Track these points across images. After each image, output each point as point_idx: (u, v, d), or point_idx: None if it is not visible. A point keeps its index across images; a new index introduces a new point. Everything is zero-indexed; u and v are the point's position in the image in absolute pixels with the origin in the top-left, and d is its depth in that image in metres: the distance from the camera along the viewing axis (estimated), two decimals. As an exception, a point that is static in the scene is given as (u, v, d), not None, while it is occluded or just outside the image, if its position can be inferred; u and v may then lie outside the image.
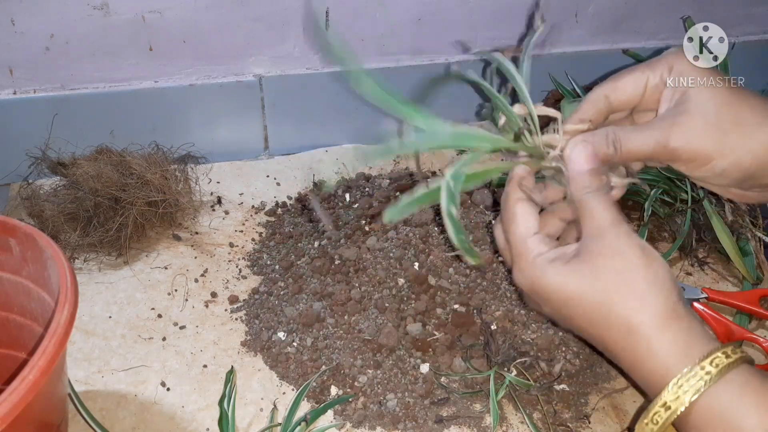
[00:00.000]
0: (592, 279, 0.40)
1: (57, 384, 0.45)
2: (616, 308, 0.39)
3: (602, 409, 0.57)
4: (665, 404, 0.38)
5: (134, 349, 0.60)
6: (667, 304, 0.39)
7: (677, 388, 0.37)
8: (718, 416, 0.37)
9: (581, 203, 0.42)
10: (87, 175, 0.67)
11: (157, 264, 0.68)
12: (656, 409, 0.38)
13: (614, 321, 0.40)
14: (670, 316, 0.39)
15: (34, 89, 0.72)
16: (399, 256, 0.64)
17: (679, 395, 0.37)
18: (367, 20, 0.77)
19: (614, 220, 0.41)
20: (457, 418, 0.55)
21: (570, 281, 0.41)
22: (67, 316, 0.40)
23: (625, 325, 0.39)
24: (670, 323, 0.39)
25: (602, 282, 0.40)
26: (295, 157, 0.84)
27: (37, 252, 0.46)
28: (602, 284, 0.40)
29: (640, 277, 0.39)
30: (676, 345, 0.38)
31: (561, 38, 0.88)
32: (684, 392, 0.37)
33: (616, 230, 0.41)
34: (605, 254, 0.40)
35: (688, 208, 0.70)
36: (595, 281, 0.40)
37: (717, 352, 0.37)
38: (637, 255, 0.40)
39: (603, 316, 0.40)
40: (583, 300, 0.40)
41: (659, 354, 0.38)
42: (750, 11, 0.90)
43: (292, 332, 0.60)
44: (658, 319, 0.39)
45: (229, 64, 0.77)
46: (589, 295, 0.40)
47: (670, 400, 0.38)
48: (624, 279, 0.39)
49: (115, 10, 0.68)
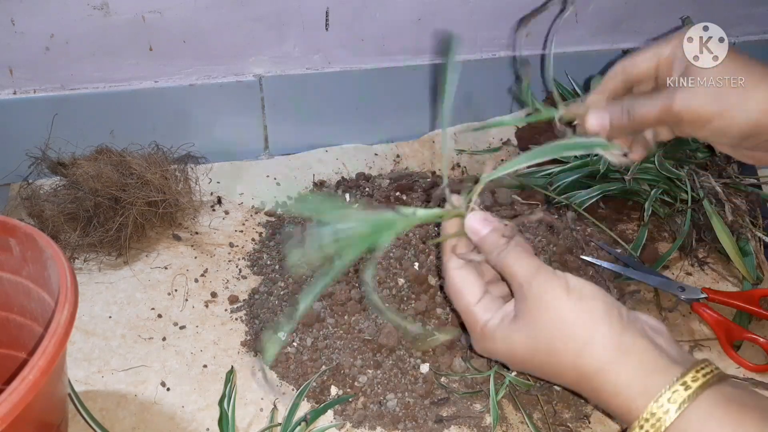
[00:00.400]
0: (533, 337, 0.40)
1: (57, 384, 0.45)
2: (564, 359, 0.40)
3: (602, 409, 0.57)
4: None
5: (134, 349, 0.60)
6: (612, 337, 0.38)
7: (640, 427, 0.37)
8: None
9: (498, 266, 0.43)
10: (87, 175, 0.67)
11: (157, 264, 0.68)
12: None
13: (567, 372, 0.40)
14: (618, 349, 0.38)
15: (34, 89, 0.72)
16: (399, 256, 0.64)
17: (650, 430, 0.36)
18: (367, 20, 0.77)
19: (533, 270, 0.41)
20: (457, 418, 0.55)
21: (516, 343, 0.41)
22: (67, 316, 0.40)
23: (577, 373, 0.39)
24: (619, 359, 0.38)
25: (542, 338, 0.40)
26: (295, 157, 0.84)
27: (37, 252, 0.46)
28: (543, 340, 0.40)
29: (572, 321, 0.39)
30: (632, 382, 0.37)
31: (561, 38, 0.87)
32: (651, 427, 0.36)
33: (537, 281, 0.41)
34: (536, 309, 0.40)
35: (688, 208, 0.70)
36: (536, 339, 0.40)
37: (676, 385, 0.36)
38: (564, 299, 0.40)
39: (555, 368, 0.41)
40: (534, 357, 0.41)
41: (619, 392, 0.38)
42: (750, 11, 0.90)
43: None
44: (606, 358, 0.38)
45: (229, 64, 0.77)
46: (537, 351, 0.41)
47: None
48: (559, 329, 0.39)
49: (115, 10, 0.68)
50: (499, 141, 0.88)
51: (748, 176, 0.73)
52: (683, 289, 0.64)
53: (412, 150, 0.86)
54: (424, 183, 0.76)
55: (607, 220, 0.74)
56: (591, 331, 0.39)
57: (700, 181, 0.70)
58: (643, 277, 0.65)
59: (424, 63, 0.83)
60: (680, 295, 0.64)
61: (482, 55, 0.86)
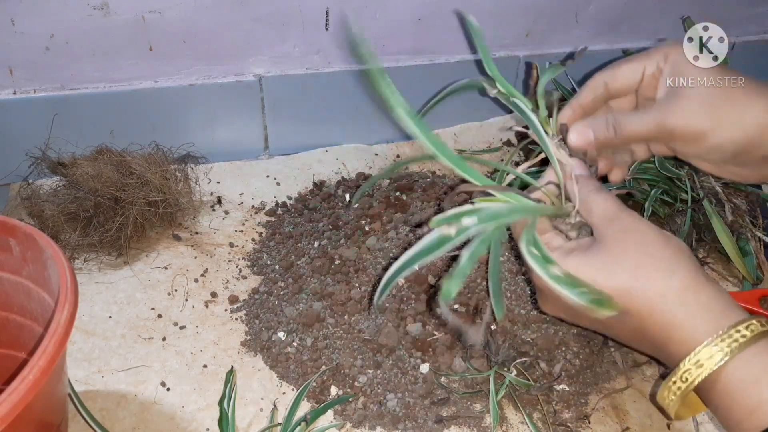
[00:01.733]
0: (615, 258, 0.40)
1: (57, 384, 0.45)
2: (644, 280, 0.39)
3: (602, 409, 0.57)
4: (698, 362, 0.37)
5: (134, 349, 0.60)
6: (693, 272, 0.39)
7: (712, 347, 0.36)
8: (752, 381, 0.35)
9: (588, 201, 0.43)
10: (87, 175, 0.67)
11: (157, 264, 0.68)
12: (687, 366, 0.37)
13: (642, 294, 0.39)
14: (699, 282, 0.38)
15: (34, 89, 0.72)
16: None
17: (713, 354, 0.36)
18: (367, 20, 0.77)
19: (623, 207, 0.42)
20: (457, 418, 0.55)
21: (593, 265, 0.40)
22: (67, 316, 0.40)
23: (655, 295, 0.38)
24: (700, 289, 0.38)
25: (626, 259, 0.39)
26: (295, 157, 0.84)
27: (37, 252, 0.46)
28: (627, 261, 0.39)
29: (661, 248, 0.39)
30: (709, 310, 0.37)
31: (561, 38, 0.88)
32: (719, 350, 0.36)
33: (628, 213, 0.41)
34: (623, 233, 0.40)
35: (688, 208, 0.70)
36: (617, 260, 0.40)
37: (752, 319, 0.37)
38: (655, 231, 0.40)
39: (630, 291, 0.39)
40: (608, 279, 0.40)
41: (693, 318, 0.37)
42: (750, 11, 0.90)
43: (292, 332, 0.60)
44: (688, 285, 0.38)
45: (229, 64, 0.77)
46: (615, 273, 0.40)
47: (703, 358, 0.36)
48: (647, 252, 0.39)
49: (115, 10, 0.68)
50: (500, 141, 0.88)
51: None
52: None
53: (412, 150, 0.86)
54: (424, 183, 0.76)
55: (607, 220, 0.74)
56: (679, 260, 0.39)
57: (700, 181, 0.70)
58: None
59: (424, 63, 0.83)
60: (680, 295, 0.64)
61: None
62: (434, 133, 0.49)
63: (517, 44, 0.86)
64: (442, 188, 0.73)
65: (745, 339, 0.36)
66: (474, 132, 0.90)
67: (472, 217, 0.39)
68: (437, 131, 0.88)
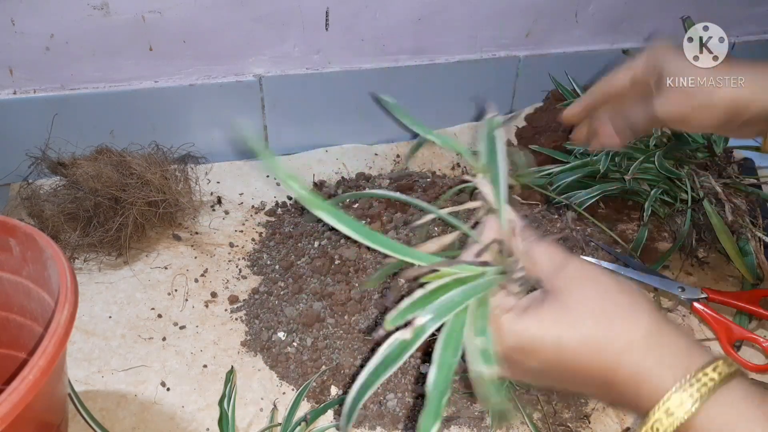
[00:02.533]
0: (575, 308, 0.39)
1: (57, 384, 0.45)
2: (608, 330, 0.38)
3: (602, 409, 0.57)
4: (668, 410, 0.36)
5: (134, 349, 0.60)
6: (654, 314, 0.38)
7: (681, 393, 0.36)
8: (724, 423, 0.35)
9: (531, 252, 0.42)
10: (87, 175, 0.67)
11: (157, 264, 0.68)
12: (658, 416, 0.37)
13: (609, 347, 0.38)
14: (661, 325, 0.38)
15: (34, 89, 0.72)
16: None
17: (683, 401, 0.36)
18: (367, 20, 0.77)
19: (568, 253, 0.40)
20: (457, 418, 0.55)
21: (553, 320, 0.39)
22: (67, 316, 0.40)
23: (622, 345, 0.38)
24: (663, 332, 0.38)
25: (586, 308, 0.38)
26: (295, 157, 0.84)
27: (37, 252, 0.46)
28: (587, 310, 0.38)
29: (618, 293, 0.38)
30: (674, 354, 0.37)
31: (561, 38, 0.88)
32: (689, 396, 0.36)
33: (574, 259, 0.40)
34: (576, 280, 0.39)
35: (688, 208, 0.70)
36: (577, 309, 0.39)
37: (717, 361, 0.37)
38: (607, 275, 0.39)
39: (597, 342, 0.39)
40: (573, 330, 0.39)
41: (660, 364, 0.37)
42: (750, 11, 0.90)
43: (292, 332, 0.60)
44: (651, 331, 0.38)
45: (229, 64, 0.77)
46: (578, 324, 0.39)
47: (673, 406, 0.36)
48: (606, 298, 0.38)
49: (115, 10, 0.68)
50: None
51: (748, 176, 0.73)
52: (683, 289, 0.64)
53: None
54: (424, 183, 0.76)
55: (607, 220, 0.74)
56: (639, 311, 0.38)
57: (700, 181, 0.70)
58: (643, 277, 0.65)
59: (424, 63, 0.83)
60: (680, 295, 0.64)
61: (482, 55, 0.86)
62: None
63: (517, 44, 0.86)
64: (442, 188, 0.73)
65: (714, 383, 0.36)
66: (474, 132, 0.90)
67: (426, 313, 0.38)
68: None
